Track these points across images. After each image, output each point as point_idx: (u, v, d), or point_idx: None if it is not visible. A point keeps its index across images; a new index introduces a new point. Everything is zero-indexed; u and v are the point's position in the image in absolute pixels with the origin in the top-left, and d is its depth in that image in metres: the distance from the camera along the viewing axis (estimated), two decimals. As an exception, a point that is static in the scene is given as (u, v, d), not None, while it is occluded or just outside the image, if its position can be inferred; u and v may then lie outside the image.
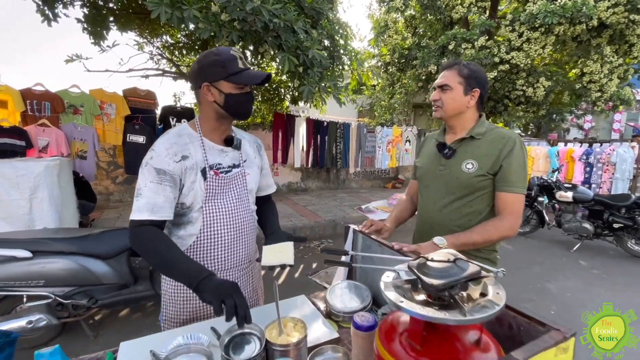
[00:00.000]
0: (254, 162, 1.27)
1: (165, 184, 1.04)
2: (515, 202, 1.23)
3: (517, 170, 1.22)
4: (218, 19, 3.08)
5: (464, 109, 1.30)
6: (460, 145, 1.32)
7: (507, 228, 1.22)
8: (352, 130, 6.93)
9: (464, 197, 1.30)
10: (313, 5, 3.78)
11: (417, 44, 7.50)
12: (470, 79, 1.27)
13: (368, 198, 7.05)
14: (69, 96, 4.37)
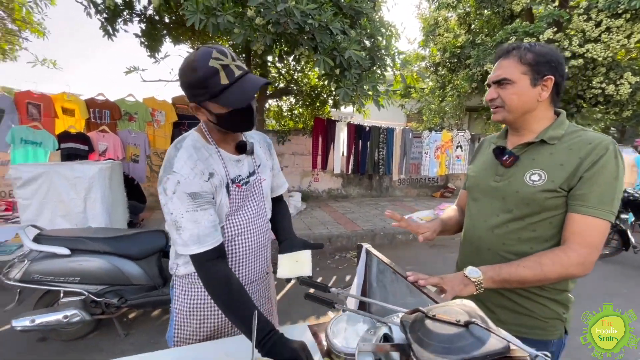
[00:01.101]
0: (266, 165, 1.16)
1: (205, 207, 0.93)
2: (592, 231, 0.89)
3: (603, 187, 0.89)
4: (252, 23, 3.06)
5: (534, 105, 0.99)
6: (526, 151, 1.02)
7: (574, 264, 0.89)
8: (396, 135, 6.56)
9: (524, 217, 0.99)
10: (352, 4, 3.61)
11: (471, 41, 6.91)
12: (538, 65, 0.96)
13: (413, 207, 6.60)
14: (125, 104, 4.75)
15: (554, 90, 1.00)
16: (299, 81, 6.22)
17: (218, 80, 0.85)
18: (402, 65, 4.27)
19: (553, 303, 1.01)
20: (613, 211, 0.90)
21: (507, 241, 1.03)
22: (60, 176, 3.50)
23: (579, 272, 0.90)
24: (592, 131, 0.99)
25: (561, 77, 0.99)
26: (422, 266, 4.18)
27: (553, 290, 1.01)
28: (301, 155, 6.77)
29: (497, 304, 1.06)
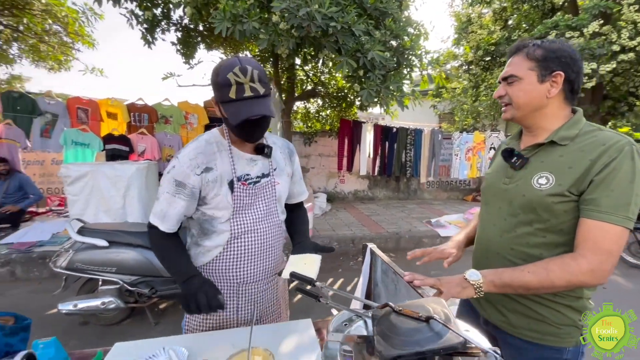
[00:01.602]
0: (284, 170, 1.21)
1: (180, 197, 1.04)
2: (605, 237, 0.84)
3: (616, 191, 0.84)
4: (277, 28, 3.15)
5: (544, 102, 0.95)
6: (536, 152, 0.99)
7: (584, 272, 0.84)
8: (425, 137, 6.40)
9: (532, 222, 0.95)
10: (377, 5, 3.59)
11: (506, 38, 6.57)
12: (546, 60, 0.93)
13: (441, 211, 6.40)
14: (162, 108, 5.06)
15: (567, 87, 0.95)
16: (327, 83, 6.27)
17: (228, 92, 0.94)
18: (429, 64, 4.17)
19: (567, 309, 0.97)
20: (629, 216, 0.84)
21: (516, 246, 0.99)
22: (103, 175, 3.82)
23: (589, 281, 0.85)
24: (610, 131, 0.92)
25: (575, 73, 0.94)
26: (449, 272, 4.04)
27: (567, 297, 0.96)
28: (327, 156, 6.82)
29: (510, 308, 1.03)
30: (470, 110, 7.92)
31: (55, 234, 4.28)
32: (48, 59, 6.63)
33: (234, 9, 3.04)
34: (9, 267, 3.66)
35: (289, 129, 5.63)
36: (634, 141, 0.89)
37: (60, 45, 6.32)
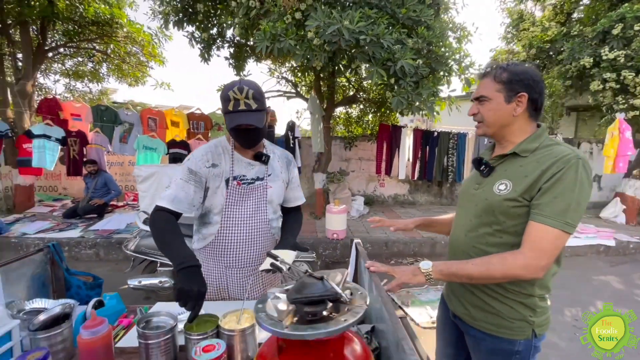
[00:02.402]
0: (279, 176, 1.40)
1: (191, 183, 1.25)
2: (543, 238, 0.95)
3: (559, 198, 0.95)
4: (311, 44, 3.44)
5: (511, 120, 1.08)
6: (502, 162, 1.11)
7: (519, 266, 0.95)
8: (469, 141, 6.20)
9: (492, 224, 1.08)
10: (409, 15, 3.70)
11: (564, 33, 6.06)
12: (511, 83, 1.05)
13: (486, 218, 6.12)
14: (216, 116, 5.70)
15: (531, 106, 1.07)
16: (368, 89, 6.43)
17: (227, 105, 1.20)
18: (466, 68, 4.12)
19: (519, 305, 1.07)
20: (568, 222, 0.94)
21: (477, 244, 1.12)
22: (166, 175, 4.47)
23: (522, 274, 0.96)
24: (565, 145, 1.03)
25: (537, 94, 1.06)
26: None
27: (520, 294, 1.06)
28: (367, 160, 6.95)
29: (471, 302, 1.16)
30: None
31: (129, 224, 5.10)
32: (128, 76, 7.80)
33: (273, 29, 3.41)
34: (95, 249, 4.48)
35: (329, 134, 5.89)
36: (582, 155, 0.98)
37: (138, 64, 7.39)
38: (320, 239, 4.74)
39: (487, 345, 1.12)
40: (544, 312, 1.09)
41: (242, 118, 1.19)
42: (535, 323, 1.07)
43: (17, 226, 4.96)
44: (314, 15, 3.19)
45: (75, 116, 5.43)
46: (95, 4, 5.45)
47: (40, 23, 5.61)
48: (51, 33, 6.17)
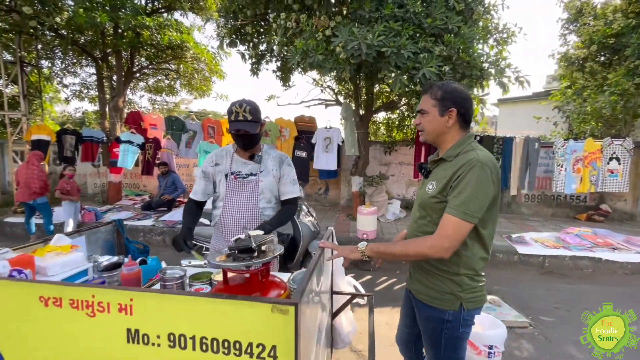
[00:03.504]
0: (270, 172, 1.76)
1: (201, 180, 1.78)
2: (447, 224, 1.18)
3: (461, 194, 1.17)
4: (338, 58, 3.79)
5: (445, 130, 1.30)
6: (436, 165, 1.36)
7: (426, 246, 1.20)
8: (517, 145, 5.88)
9: (425, 216, 1.33)
10: (435, 24, 3.82)
11: (634, 25, 5.41)
12: (444, 100, 1.27)
13: (535, 228, 5.74)
14: (263, 124, 6.34)
15: (460, 119, 1.29)
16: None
17: (231, 116, 1.63)
18: (501, 71, 4.06)
19: (448, 281, 1.29)
20: (466, 212, 1.15)
21: (417, 233, 1.37)
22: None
23: (429, 253, 1.19)
24: (477, 151, 1.24)
25: (465, 109, 1.28)
26: (515, 288, 3.82)
27: (448, 272, 1.29)
28: (407, 165, 6.99)
29: (417, 278, 1.41)
30: (592, 114, 6.72)
31: (189, 217, 5.96)
32: (196, 90, 8.98)
33: (305, 46, 3.84)
34: (162, 236, 5.38)
35: (366, 139, 6.13)
36: (485, 160, 1.20)
37: (203, 80, 8.49)
38: (352, 238, 5.00)
39: (425, 313, 1.37)
40: (473, 290, 1.29)
41: (240, 125, 1.61)
42: (463, 298, 1.27)
43: (108, 214, 6.18)
44: (338, 32, 3.53)
45: (152, 125, 6.56)
46: (169, 33, 6.55)
47: (130, 51, 6.90)
48: (137, 58, 7.51)
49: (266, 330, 0.86)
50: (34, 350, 1.02)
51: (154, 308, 0.93)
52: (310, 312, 1.06)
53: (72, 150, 6.63)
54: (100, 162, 7.12)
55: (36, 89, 7.46)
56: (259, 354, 0.87)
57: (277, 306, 0.85)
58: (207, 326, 0.90)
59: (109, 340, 0.96)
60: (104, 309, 0.95)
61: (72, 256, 1.44)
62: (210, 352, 0.90)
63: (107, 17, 4.98)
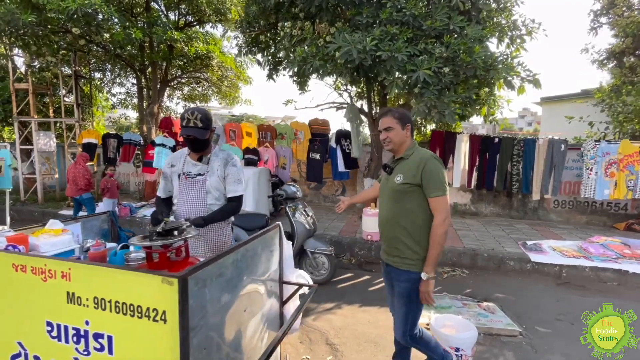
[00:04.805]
0: (215, 173, 1.95)
1: (163, 180, 2.05)
2: (439, 204, 1.68)
3: (435, 180, 1.68)
4: (337, 62, 3.92)
5: (405, 139, 1.82)
6: (398, 164, 1.84)
7: (442, 227, 1.68)
8: (540, 148, 5.54)
9: (397, 200, 1.79)
10: (434, 25, 3.81)
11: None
12: (401, 119, 1.80)
13: (559, 236, 5.35)
14: (279, 127, 6.64)
15: (411, 130, 1.83)
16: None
17: (183, 122, 1.87)
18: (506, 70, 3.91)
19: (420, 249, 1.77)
20: (445, 189, 1.69)
21: (394, 215, 1.81)
22: (233, 176, 5.55)
23: (446, 229, 1.69)
24: (423, 151, 1.79)
25: (412, 124, 1.85)
26: (519, 296, 3.66)
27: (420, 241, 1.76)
28: (424, 167, 6.86)
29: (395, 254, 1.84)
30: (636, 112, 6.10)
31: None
32: (226, 96, 9.58)
33: (304, 52, 4.03)
34: (184, 231, 5.86)
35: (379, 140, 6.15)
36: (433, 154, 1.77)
37: (231, 86, 9.04)
38: (357, 239, 5.07)
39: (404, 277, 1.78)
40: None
41: (189, 131, 1.84)
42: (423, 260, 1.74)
43: (142, 210, 6.84)
44: (332, 38, 3.67)
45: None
46: (196, 44, 7.13)
47: (164, 62, 7.61)
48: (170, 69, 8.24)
49: (159, 297, 1.05)
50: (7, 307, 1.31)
51: (84, 276, 1.17)
52: (216, 289, 1.24)
53: (114, 151, 7.46)
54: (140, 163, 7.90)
55: (89, 98, 8.49)
56: (154, 317, 1.07)
57: (165, 278, 1.03)
58: (120, 292, 1.11)
59: (55, 300, 1.21)
60: (52, 275, 1.21)
61: (62, 238, 1.76)
62: (121, 313, 1.11)
63: (140, 34, 5.59)
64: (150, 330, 1.07)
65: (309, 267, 3.93)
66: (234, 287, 1.37)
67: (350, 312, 3.26)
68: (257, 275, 1.61)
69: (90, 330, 1.17)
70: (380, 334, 2.84)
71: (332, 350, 2.64)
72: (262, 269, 1.64)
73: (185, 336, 1.04)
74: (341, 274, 4.25)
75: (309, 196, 7.93)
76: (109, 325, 1.14)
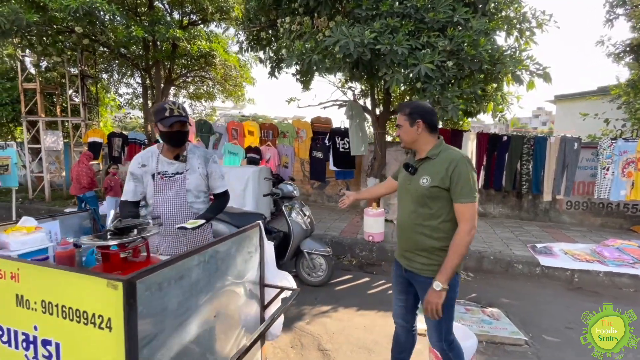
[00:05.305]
0: (196, 171, 1.87)
1: (131, 182, 1.87)
2: (466, 210, 1.52)
3: (464, 185, 1.52)
4: (335, 57, 3.80)
5: (416, 137, 1.66)
6: (421, 164, 1.66)
7: (466, 236, 1.52)
8: (551, 146, 5.29)
9: (422, 205, 1.63)
10: (437, 17, 3.65)
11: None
12: (411, 114, 1.64)
13: (571, 238, 5.10)
14: (281, 125, 6.54)
15: (427, 126, 1.64)
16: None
17: (164, 112, 1.71)
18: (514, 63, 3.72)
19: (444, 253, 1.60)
20: (475, 195, 1.52)
21: (416, 221, 1.66)
22: (232, 175, 5.47)
23: (471, 239, 1.53)
24: (454, 151, 1.62)
25: (428, 119, 1.64)
26: (527, 302, 3.46)
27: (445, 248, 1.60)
28: (430, 166, 6.66)
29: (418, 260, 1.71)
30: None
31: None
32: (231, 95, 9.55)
33: (302, 47, 3.92)
34: (185, 230, 5.82)
35: (383, 139, 6.00)
36: (464, 154, 1.60)
37: (236, 86, 9.01)
38: (358, 240, 4.93)
39: (423, 284, 1.65)
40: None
41: (176, 119, 1.72)
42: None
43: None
44: (329, 32, 3.55)
45: (184, 128, 7.13)
46: (198, 42, 7.10)
47: (168, 61, 7.62)
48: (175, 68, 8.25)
49: (104, 303, 0.95)
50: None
51: (33, 277, 1.08)
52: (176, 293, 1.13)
53: (119, 150, 7.49)
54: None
55: (94, 98, 8.58)
56: (100, 324, 0.96)
57: (110, 282, 0.93)
58: (67, 296, 1.02)
59: (5, 303, 1.13)
60: (2, 276, 1.13)
61: (34, 236, 1.68)
62: (68, 319, 1.02)
63: (141, 31, 5.58)
64: (96, 339, 0.97)
65: (305, 269, 3.82)
66: (199, 291, 1.26)
67: (347, 316, 3.13)
68: (232, 278, 1.50)
69: (39, 336, 1.08)
70: (375, 340, 2.70)
71: (323, 356, 2.51)
72: (237, 271, 1.53)
73: (133, 346, 0.94)
74: (340, 275, 4.12)
75: (313, 196, 7.82)
76: (56, 331, 1.05)
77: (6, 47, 7.24)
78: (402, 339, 1.94)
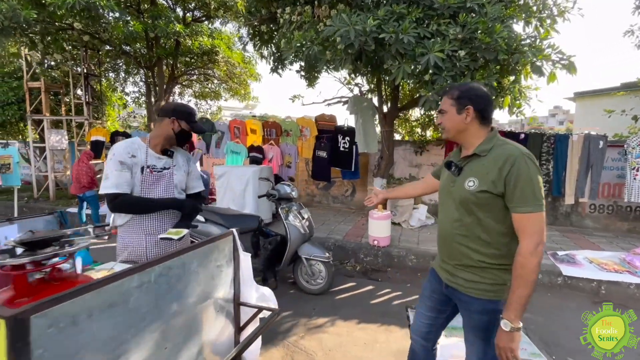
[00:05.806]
0: (182, 167, 1.85)
1: (125, 170, 1.66)
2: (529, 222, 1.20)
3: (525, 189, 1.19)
4: (336, 48, 3.52)
5: (464, 127, 1.34)
6: (468, 162, 1.36)
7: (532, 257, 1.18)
8: (574, 145, 4.88)
9: (468, 212, 1.33)
10: (448, 3, 3.33)
11: None
12: (460, 99, 1.33)
13: (597, 245, 4.68)
14: (285, 124, 6.30)
15: (478, 115, 1.32)
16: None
17: (195, 117, 1.78)
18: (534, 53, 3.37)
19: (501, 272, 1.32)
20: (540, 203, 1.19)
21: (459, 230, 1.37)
22: (234, 175, 5.26)
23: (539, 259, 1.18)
24: (511, 145, 1.28)
25: (480, 105, 1.31)
26: (549, 317, 3.11)
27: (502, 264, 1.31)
28: (441, 166, 6.31)
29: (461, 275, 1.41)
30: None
31: (213, 214, 6.17)
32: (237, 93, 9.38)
33: (302, 38, 3.66)
34: (184, 231, 5.64)
35: (391, 137, 5.69)
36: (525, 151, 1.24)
37: (241, 83, 8.83)
38: (363, 245, 4.64)
39: (478, 306, 1.34)
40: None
41: (202, 126, 1.87)
42: (508, 285, 1.27)
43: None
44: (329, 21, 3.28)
45: (186, 127, 6.98)
46: (200, 38, 6.93)
47: (171, 58, 7.48)
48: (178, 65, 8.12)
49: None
50: None
51: None
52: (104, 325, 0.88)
53: (122, 150, 7.40)
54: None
55: (99, 97, 8.53)
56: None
57: None
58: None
59: None
60: None
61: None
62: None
63: (140, 27, 5.43)
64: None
65: (304, 275, 3.56)
66: (141, 319, 1.01)
67: (346, 330, 2.85)
68: (193, 298, 1.25)
69: None
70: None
71: (317, 377, 2.25)
72: (199, 290, 1.28)
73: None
74: (342, 282, 3.84)
75: (318, 197, 7.56)
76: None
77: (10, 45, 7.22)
78: (420, 358, 1.66)
